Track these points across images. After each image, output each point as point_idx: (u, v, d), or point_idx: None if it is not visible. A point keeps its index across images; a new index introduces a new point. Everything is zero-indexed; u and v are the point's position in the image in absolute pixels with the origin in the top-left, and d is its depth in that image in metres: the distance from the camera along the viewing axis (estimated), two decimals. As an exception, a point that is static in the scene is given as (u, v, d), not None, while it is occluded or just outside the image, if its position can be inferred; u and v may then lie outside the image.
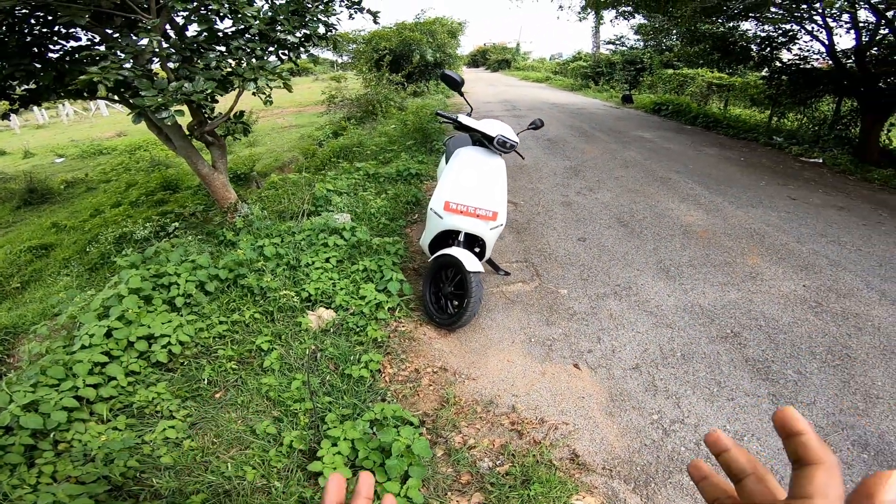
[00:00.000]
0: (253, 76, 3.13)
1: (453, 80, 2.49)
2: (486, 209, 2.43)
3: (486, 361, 2.37)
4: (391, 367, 2.36)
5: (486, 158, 2.55)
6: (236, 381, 2.21)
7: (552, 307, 2.75)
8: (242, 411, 2.03)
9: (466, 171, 2.49)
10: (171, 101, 2.84)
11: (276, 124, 12.72)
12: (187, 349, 2.43)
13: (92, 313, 2.42)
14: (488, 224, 2.45)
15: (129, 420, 1.94)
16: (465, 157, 2.55)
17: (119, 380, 2.09)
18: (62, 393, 1.92)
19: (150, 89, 2.86)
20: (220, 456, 1.78)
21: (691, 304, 2.77)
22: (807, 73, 7.94)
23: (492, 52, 39.87)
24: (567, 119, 9.85)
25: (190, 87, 2.95)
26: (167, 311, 2.57)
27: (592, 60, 18.68)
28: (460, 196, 2.44)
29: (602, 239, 3.65)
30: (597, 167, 5.84)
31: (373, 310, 2.65)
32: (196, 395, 2.14)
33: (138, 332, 2.32)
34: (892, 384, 2.18)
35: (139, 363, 2.24)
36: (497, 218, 2.45)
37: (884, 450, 1.83)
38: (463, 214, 2.42)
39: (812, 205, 4.62)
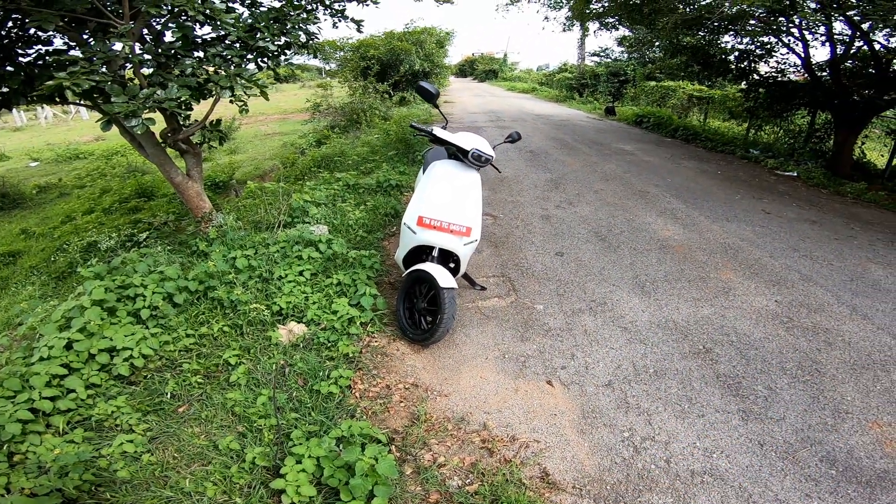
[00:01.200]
0: (228, 84, 3.07)
1: (428, 92, 2.47)
2: (459, 224, 2.40)
3: (458, 378, 2.33)
4: (362, 382, 2.31)
5: (461, 172, 2.54)
6: (201, 396, 2.16)
7: (527, 323, 2.73)
8: (206, 426, 1.98)
9: (440, 186, 2.47)
10: (141, 109, 2.77)
11: (258, 131, 12.59)
12: (151, 362, 2.38)
13: (53, 324, 2.35)
14: (462, 240, 2.43)
15: (86, 433, 1.88)
16: (438, 171, 2.53)
17: (78, 392, 2.03)
18: (17, 405, 1.87)
19: (121, 95, 2.78)
20: (181, 471, 1.73)
21: (665, 319, 2.78)
22: (783, 85, 8.19)
23: (479, 62, 40.46)
24: (550, 131, 9.97)
25: (163, 94, 2.87)
26: (132, 324, 2.49)
27: (577, 72, 19.01)
28: (433, 211, 2.41)
29: (580, 253, 3.66)
30: (577, 180, 5.90)
31: (345, 325, 2.59)
32: (158, 409, 2.08)
33: (100, 345, 2.26)
34: (861, 399, 2.20)
35: (100, 376, 2.18)
36: (471, 233, 2.42)
37: (852, 466, 1.84)
38: (436, 230, 2.39)
39: (786, 219, 4.72)
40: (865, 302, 3.06)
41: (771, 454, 1.87)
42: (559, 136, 9.34)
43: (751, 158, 7.89)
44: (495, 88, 27.21)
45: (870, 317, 2.88)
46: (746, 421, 2.04)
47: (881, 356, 2.53)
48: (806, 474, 1.78)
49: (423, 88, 2.48)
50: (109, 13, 2.73)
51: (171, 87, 2.88)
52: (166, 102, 2.80)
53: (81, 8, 2.67)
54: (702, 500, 1.67)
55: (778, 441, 1.94)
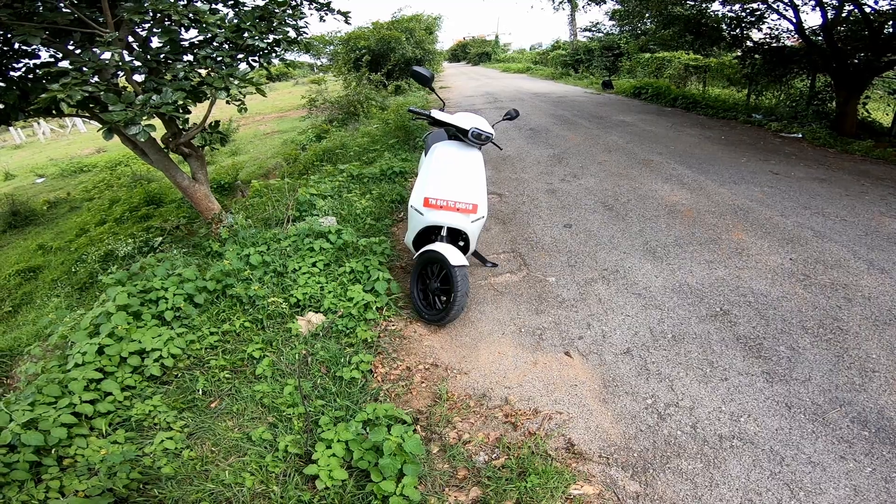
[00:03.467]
0: (223, 84, 3.07)
1: (422, 76, 2.46)
2: (465, 202, 2.42)
3: (477, 355, 2.36)
4: (383, 366, 2.36)
5: (463, 152, 2.54)
6: (230, 390, 2.22)
7: (541, 296, 2.75)
8: (238, 419, 2.04)
9: (443, 166, 2.48)
10: (139, 115, 2.79)
11: (258, 131, 12.57)
12: (180, 361, 2.46)
13: (82, 332, 2.43)
14: (469, 217, 2.44)
15: (128, 433, 1.96)
16: (441, 152, 2.53)
17: (115, 395, 2.11)
18: (59, 410, 1.95)
19: (118, 104, 2.80)
20: (219, 464, 1.79)
21: (679, 283, 2.78)
22: (778, 51, 8.03)
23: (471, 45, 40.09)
24: (549, 108, 9.86)
25: (158, 98, 2.89)
26: (157, 326, 2.57)
27: (571, 49, 18.70)
28: (439, 191, 2.42)
29: (588, 224, 3.66)
30: (580, 153, 5.85)
31: (361, 311, 2.63)
32: (192, 406, 2.16)
33: (130, 348, 2.35)
34: (887, 356, 2.14)
35: (134, 378, 2.27)
36: (477, 210, 2.44)
37: (884, 426, 1.79)
38: (443, 209, 2.41)
39: (794, 178, 4.66)
40: (882, 256, 3.02)
41: (800, 416, 1.85)
42: (558, 112, 9.23)
43: (754, 123, 7.75)
44: (490, 70, 26.84)
45: (888, 271, 2.84)
46: (771, 383, 2.03)
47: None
48: (838, 436, 1.76)
49: (418, 73, 2.47)
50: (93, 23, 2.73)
51: (166, 91, 2.89)
52: (163, 107, 2.81)
53: (64, 19, 2.67)
54: (733, 465, 1.66)
55: (806, 403, 1.91)
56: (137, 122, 2.77)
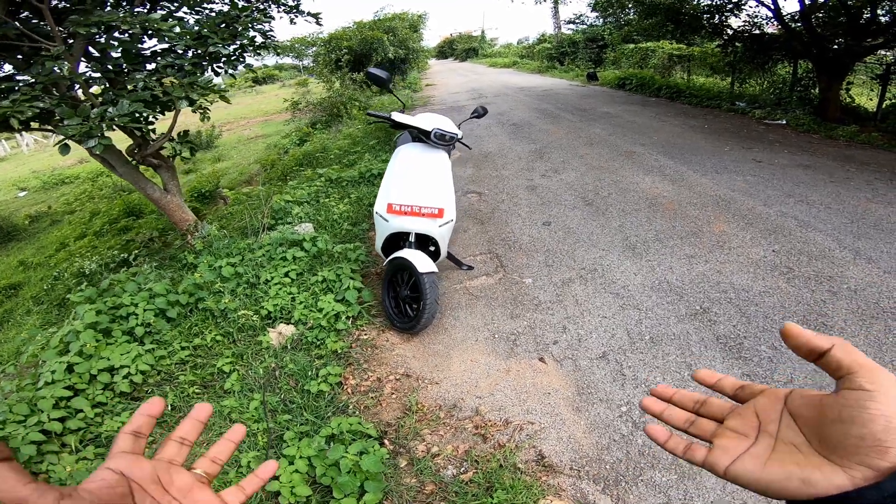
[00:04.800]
0: (183, 94, 2.98)
1: (379, 79, 2.37)
2: (430, 206, 2.33)
3: (449, 363, 2.30)
4: (354, 377, 2.30)
5: (427, 154, 2.46)
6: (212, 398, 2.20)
7: (516, 299, 2.69)
8: (206, 434, 2.00)
9: (406, 170, 2.40)
10: (96, 128, 2.69)
11: (242, 136, 12.42)
12: (150, 377, 2.44)
13: (52, 350, 2.43)
14: (435, 222, 2.36)
15: (97, 449, 1.97)
16: (404, 155, 2.45)
17: (86, 412, 2.13)
18: (28, 428, 1.97)
19: (74, 117, 2.71)
20: None
21: (659, 281, 2.72)
22: (758, 38, 8.00)
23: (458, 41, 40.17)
24: (533, 102, 9.78)
25: (114, 110, 2.80)
26: (128, 342, 2.54)
27: (556, 41, 18.62)
28: (402, 196, 2.34)
29: (567, 221, 3.59)
30: (562, 148, 5.78)
31: (331, 321, 2.56)
32: (161, 422, 2.12)
33: (99, 365, 2.34)
34: (873, 353, 2.05)
35: (106, 394, 2.27)
36: (444, 214, 2.36)
37: None
38: (408, 215, 2.32)
39: (778, 166, 4.62)
40: (869, 244, 2.94)
41: None
42: (542, 106, 9.16)
43: (738, 111, 7.72)
44: (477, 66, 26.69)
45: (875, 260, 2.76)
46: None
47: (891, 303, 2.38)
48: None
49: (373, 75, 2.38)
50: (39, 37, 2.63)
51: (122, 102, 2.80)
52: (118, 119, 2.72)
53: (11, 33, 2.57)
54: (708, 476, 1.60)
55: None
56: (94, 136, 2.68)
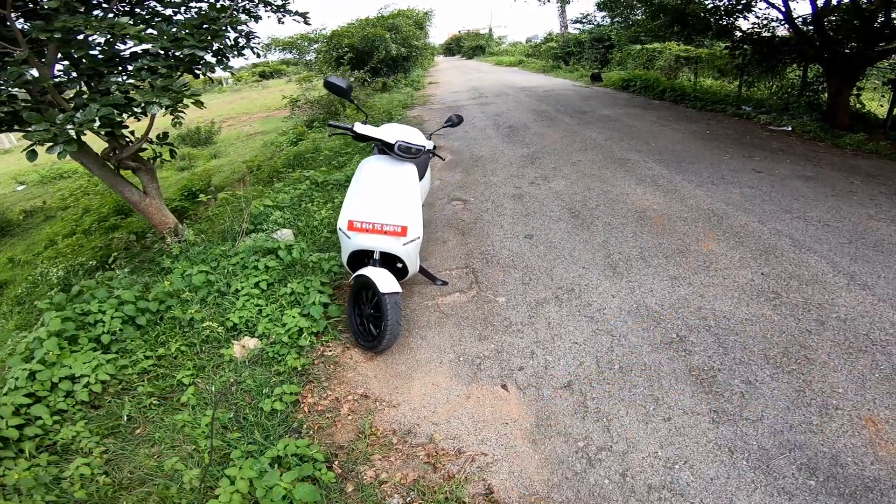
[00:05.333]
0: (154, 98, 2.91)
1: (338, 88, 2.26)
2: (393, 224, 2.23)
3: (410, 386, 2.21)
4: (312, 395, 2.23)
5: (391, 167, 2.35)
6: (155, 417, 2.18)
7: (487, 319, 2.59)
8: (160, 447, 2.01)
9: (369, 184, 2.30)
10: (61, 135, 2.64)
11: (241, 132, 12.40)
12: (111, 386, 2.43)
13: (18, 356, 2.44)
14: (399, 240, 2.26)
15: (51, 457, 1.98)
16: (368, 169, 2.36)
17: (45, 419, 2.14)
18: None
19: (42, 122, 2.66)
20: (133, 492, 1.79)
21: (637, 304, 2.61)
22: (768, 41, 7.77)
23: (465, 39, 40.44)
24: (533, 103, 9.62)
25: (82, 115, 2.74)
26: (94, 350, 2.53)
27: (562, 41, 18.41)
28: (364, 213, 2.24)
29: (550, 234, 3.47)
30: (555, 153, 5.65)
31: (294, 337, 2.48)
32: (116, 432, 2.13)
33: (61, 373, 2.35)
34: (854, 390, 1.93)
35: (67, 402, 2.27)
36: (408, 232, 2.25)
37: (834, 475, 1.60)
38: (369, 232, 2.23)
39: (778, 177, 4.46)
40: (865, 268, 2.77)
41: (742, 463, 1.67)
42: (541, 107, 9.00)
43: (743, 115, 7.51)
44: (482, 64, 26.47)
45: (870, 286, 2.60)
46: (718, 423, 1.83)
47: (882, 335, 2.23)
48: (780, 487, 1.58)
49: (331, 84, 2.27)
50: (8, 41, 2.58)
51: (90, 107, 2.73)
52: (85, 125, 2.66)
53: None
54: None
55: (751, 447, 1.73)
56: (58, 142, 2.62)
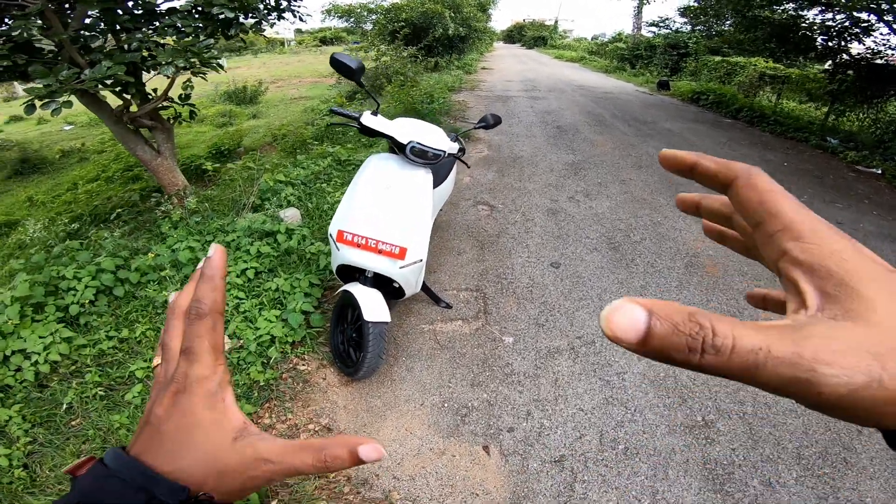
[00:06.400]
0: (168, 59, 2.67)
1: (345, 67, 1.86)
2: (390, 243, 1.84)
3: (381, 426, 1.89)
4: (270, 416, 1.97)
5: (401, 171, 1.96)
6: (95, 411, 1.97)
7: (487, 360, 2.21)
8: (90, 446, 1.82)
9: (370, 190, 1.92)
10: (61, 91, 2.46)
11: (287, 95, 12.31)
12: (62, 367, 2.20)
13: None
14: (395, 263, 1.88)
15: None
16: (372, 169, 1.98)
17: None
18: None
19: (48, 77, 2.49)
20: (47, 490, 1.65)
21: (664, 374, 2.15)
22: (878, 69, 6.74)
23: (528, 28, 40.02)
24: (588, 104, 8.91)
25: (89, 73, 2.55)
26: (57, 322, 2.32)
27: (632, 42, 17.30)
28: (358, 224, 1.86)
29: (580, 266, 3.01)
30: (603, 165, 5.08)
31: (264, 346, 2.20)
32: (51, 421, 1.93)
33: (15, 346, 2.15)
34: (884, 500, 1.61)
35: (17, 377, 2.08)
36: (406, 255, 1.86)
37: None
38: (360, 248, 1.85)
39: (861, 233, 3.77)
40: None
41: None
42: (597, 110, 8.30)
43: (827, 149, 6.59)
44: (542, 56, 25.34)
45: None
46: None
47: None
48: None
49: (339, 61, 1.86)
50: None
51: (99, 65, 2.54)
52: (87, 83, 2.48)
53: None
54: None
55: None
56: (55, 99, 2.45)
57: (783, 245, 0.19)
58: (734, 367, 0.16)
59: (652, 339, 0.16)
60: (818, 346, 0.16)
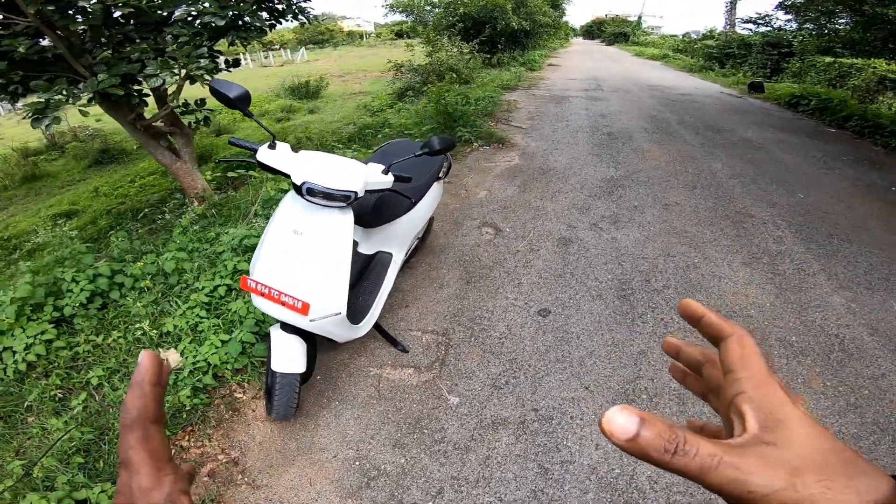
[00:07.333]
0: (155, 71, 2.72)
1: (221, 95, 1.59)
2: (292, 297, 1.60)
3: (285, 470, 1.77)
4: (187, 441, 1.92)
5: (312, 214, 1.68)
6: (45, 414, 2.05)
7: (421, 421, 1.94)
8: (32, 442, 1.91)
9: (278, 234, 1.70)
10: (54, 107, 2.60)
11: (348, 90, 12.64)
12: (39, 366, 2.36)
13: None
14: (299, 318, 1.64)
15: None
16: (282, 210, 1.76)
17: None
18: None
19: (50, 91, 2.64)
20: None
21: (619, 473, 1.71)
22: None
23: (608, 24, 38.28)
24: (655, 107, 7.96)
25: (82, 87, 2.69)
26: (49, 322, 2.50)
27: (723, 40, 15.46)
28: (260, 272, 1.65)
29: (573, 318, 2.54)
30: (648, 183, 4.43)
31: (202, 370, 2.15)
32: (9, 418, 2.06)
33: (6, 343, 2.37)
34: None
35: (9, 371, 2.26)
36: (310, 311, 1.60)
37: None
38: (264, 297, 1.65)
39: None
40: None
41: None
42: (663, 115, 7.38)
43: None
44: (621, 53, 23.52)
45: None
46: None
47: None
48: None
49: (216, 91, 1.60)
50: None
51: (92, 79, 2.65)
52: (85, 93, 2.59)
53: None
54: None
55: None
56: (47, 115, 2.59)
57: (743, 386, 0.26)
58: (693, 467, 0.23)
59: (639, 439, 0.23)
60: (755, 460, 0.23)
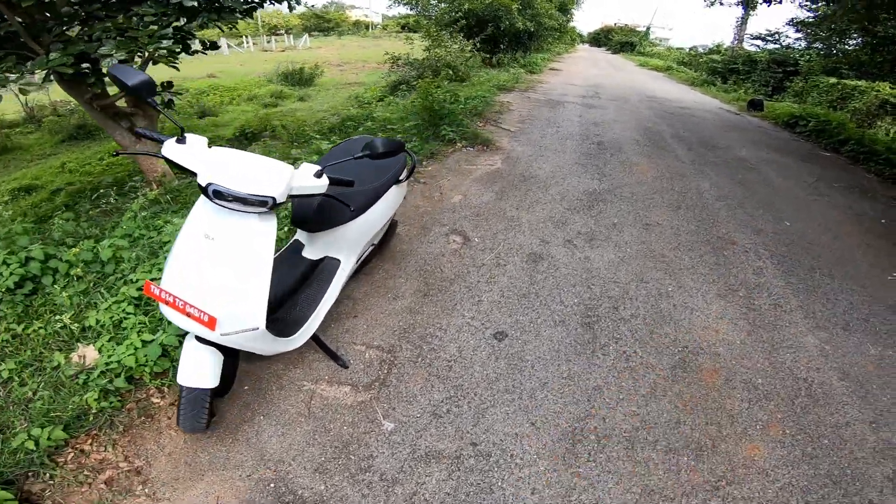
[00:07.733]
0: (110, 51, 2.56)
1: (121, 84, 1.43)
2: (198, 309, 1.42)
3: (191, 486, 1.60)
4: (90, 446, 1.74)
5: (226, 218, 1.50)
6: None
7: (349, 445, 1.77)
8: None
9: (188, 238, 1.52)
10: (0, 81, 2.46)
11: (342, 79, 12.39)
12: None
13: None
14: (207, 332, 1.46)
15: None
16: (195, 212, 1.57)
17: None
18: None
19: None
20: None
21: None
22: None
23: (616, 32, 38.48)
24: (651, 118, 7.82)
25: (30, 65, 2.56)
26: None
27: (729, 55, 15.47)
28: (166, 279, 1.48)
29: (532, 344, 2.36)
30: (631, 200, 4.28)
31: (114, 371, 1.96)
32: None
33: None
34: None
35: None
36: (216, 326, 1.43)
37: None
38: (171, 307, 1.46)
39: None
40: None
41: None
42: (658, 127, 7.24)
43: (954, 210, 5.11)
44: (626, 62, 23.41)
45: None
46: None
47: None
48: None
49: (114, 76, 1.44)
50: None
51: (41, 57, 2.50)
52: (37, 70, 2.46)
53: None
54: None
55: None
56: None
57: None
58: None
59: None
60: None
